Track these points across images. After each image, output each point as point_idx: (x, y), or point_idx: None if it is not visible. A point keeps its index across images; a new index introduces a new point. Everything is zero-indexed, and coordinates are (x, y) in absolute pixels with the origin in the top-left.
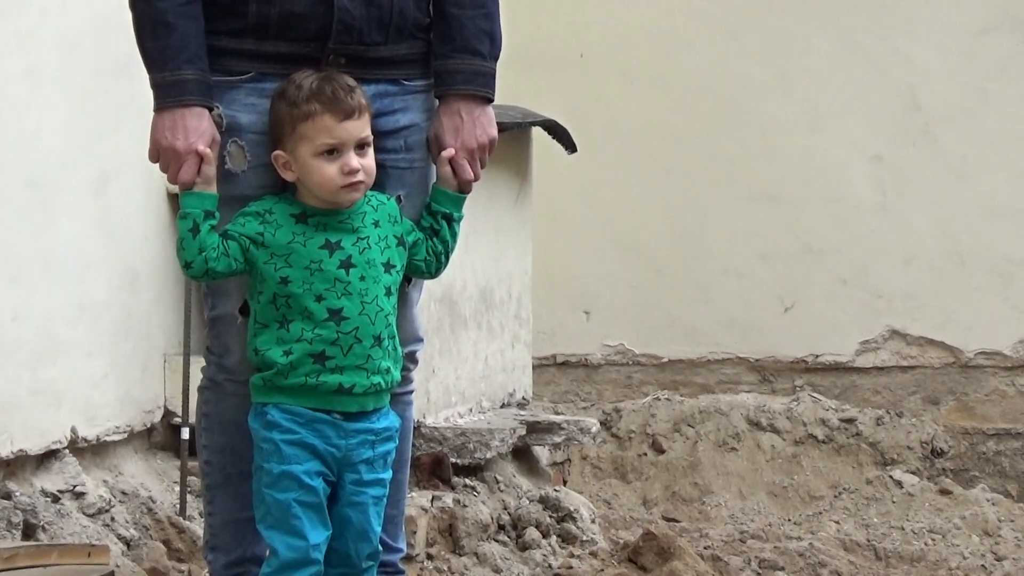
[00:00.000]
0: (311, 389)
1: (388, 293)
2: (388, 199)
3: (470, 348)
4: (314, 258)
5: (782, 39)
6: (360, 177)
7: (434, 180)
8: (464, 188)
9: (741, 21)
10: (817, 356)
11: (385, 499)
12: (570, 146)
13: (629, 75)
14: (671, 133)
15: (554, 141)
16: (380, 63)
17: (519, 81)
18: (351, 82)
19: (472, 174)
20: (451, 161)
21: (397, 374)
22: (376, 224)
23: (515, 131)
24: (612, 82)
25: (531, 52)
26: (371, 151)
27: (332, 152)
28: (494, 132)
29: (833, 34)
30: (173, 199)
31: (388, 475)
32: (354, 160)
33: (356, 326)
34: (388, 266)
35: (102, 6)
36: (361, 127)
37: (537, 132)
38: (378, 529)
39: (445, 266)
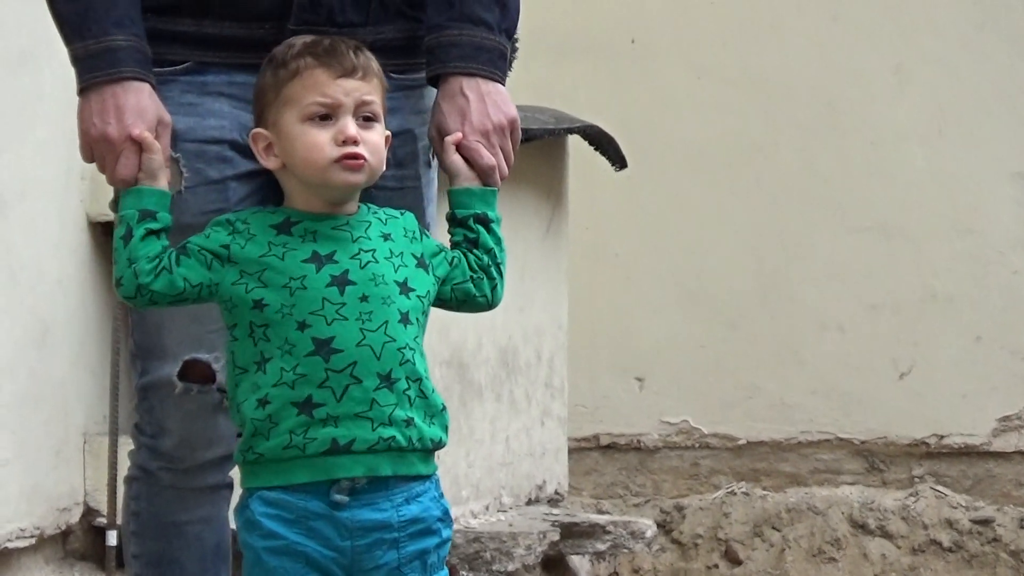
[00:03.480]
0: (297, 452)
1: (405, 321)
2: (403, 213)
3: (486, 426)
4: (295, 273)
5: (899, 21)
6: (361, 151)
7: (434, 192)
8: (487, 178)
9: None
10: (942, 437)
11: None
12: (618, 160)
13: (696, 67)
14: (752, 144)
15: (597, 154)
16: None
17: (551, 75)
18: (361, 45)
19: (491, 158)
20: (460, 148)
21: (431, 430)
22: (386, 237)
23: (546, 140)
24: (674, 77)
25: (567, 37)
26: (380, 128)
27: (326, 118)
28: (513, 112)
29: (966, 13)
30: (97, 229)
31: None
32: (352, 126)
33: (352, 361)
34: (405, 287)
35: None
36: (365, 90)
37: (575, 142)
38: None
39: (502, 286)
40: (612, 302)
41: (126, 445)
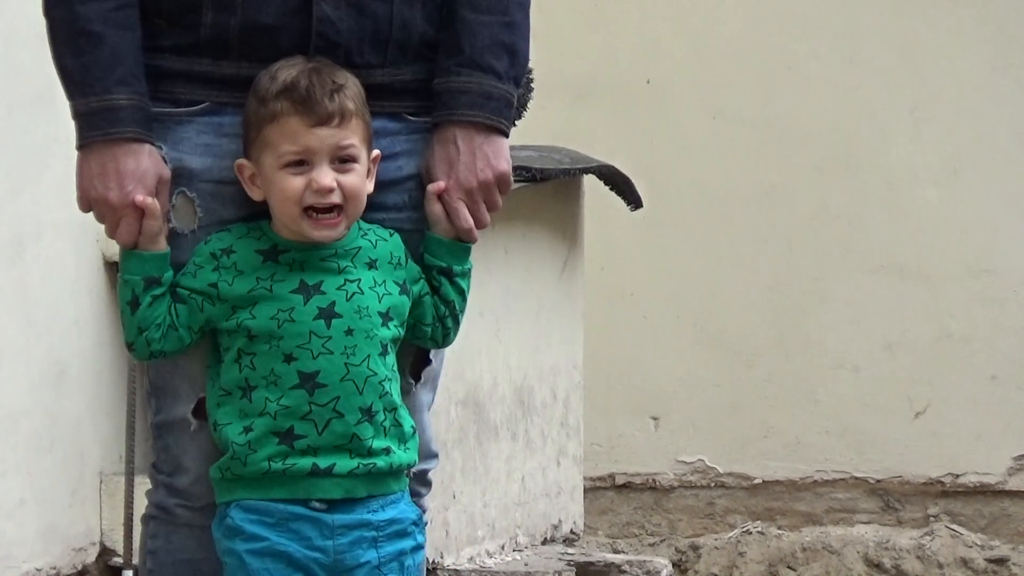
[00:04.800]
0: (277, 475)
1: (384, 353)
2: (391, 234)
3: (502, 465)
4: (283, 305)
5: (914, 63)
6: (335, 199)
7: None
8: (463, 236)
9: (861, 40)
10: (957, 476)
11: None
12: (634, 200)
13: (712, 108)
14: (768, 185)
15: (613, 193)
16: (376, 91)
17: (567, 115)
18: (341, 79)
19: (469, 220)
20: (442, 200)
21: (407, 455)
22: (372, 265)
23: (562, 180)
24: (690, 117)
25: (583, 77)
26: (359, 168)
27: (301, 164)
28: (503, 166)
29: (981, 55)
30: (113, 268)
31: None
32: (327, 175)
33: (336, 396)
34: (387, 317)
35: (14, 21)
36: (340, 135)
37: (590, 182)
38: None
39: (456, 332)
40: (627, 341)
41: (142, 485)
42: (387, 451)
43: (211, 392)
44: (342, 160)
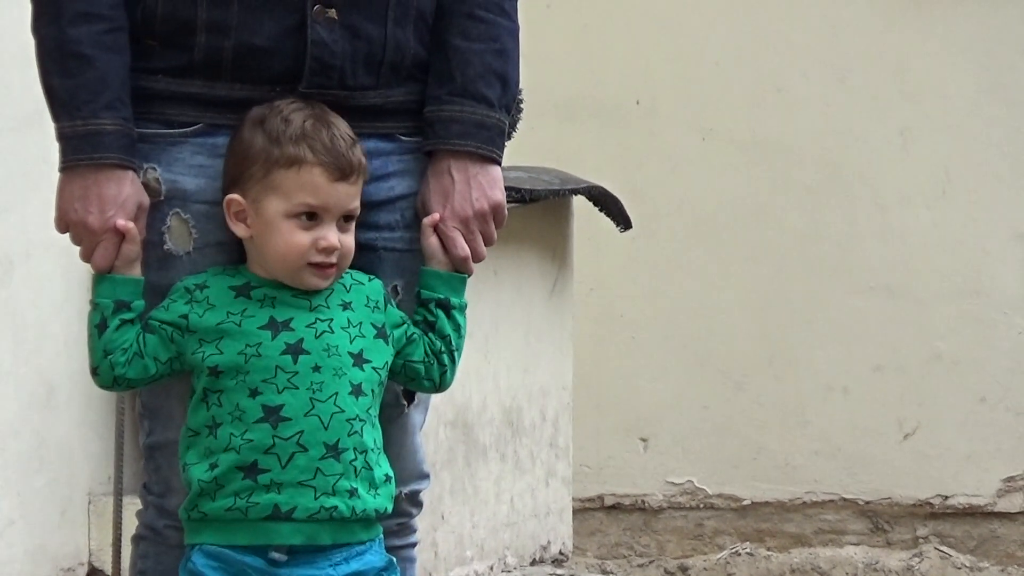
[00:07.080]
0: (240, 515)
1: (357, 392)
2: (370, 279)
3: (491, 486)
4: (251, 340)
5: (904, 84)
6: (334, 259)
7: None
8: (460, 266)
9: (850, 61)
10: (947, 498)
11: None
12: (623, 221)
13: (701, 129)
14: (757, 206)
15: (602, 215)
16: (369, 113)
17: (556, 136)
18: (350, 131)
19: (466, 249)
20: (438, 231)
21: (376, 500)
22: (346, 306)
23: (551, 201)
24: (679, 138)
25: (572, 98)
26: (353, 227)
27: (311, 217)
28: (498, 196)
29: (971, 76)
30: None
31: None
32: (334, 235)
33: (300, 429)
34: (360, 359)
35: (3, 42)
36: (353, 195)
37: (579, 202)
38: None
39: (452, 372)
40: (617, 363)
41: (131, 505)
42: (352, 493)
43: (182, 435)
44: (346, 219)
